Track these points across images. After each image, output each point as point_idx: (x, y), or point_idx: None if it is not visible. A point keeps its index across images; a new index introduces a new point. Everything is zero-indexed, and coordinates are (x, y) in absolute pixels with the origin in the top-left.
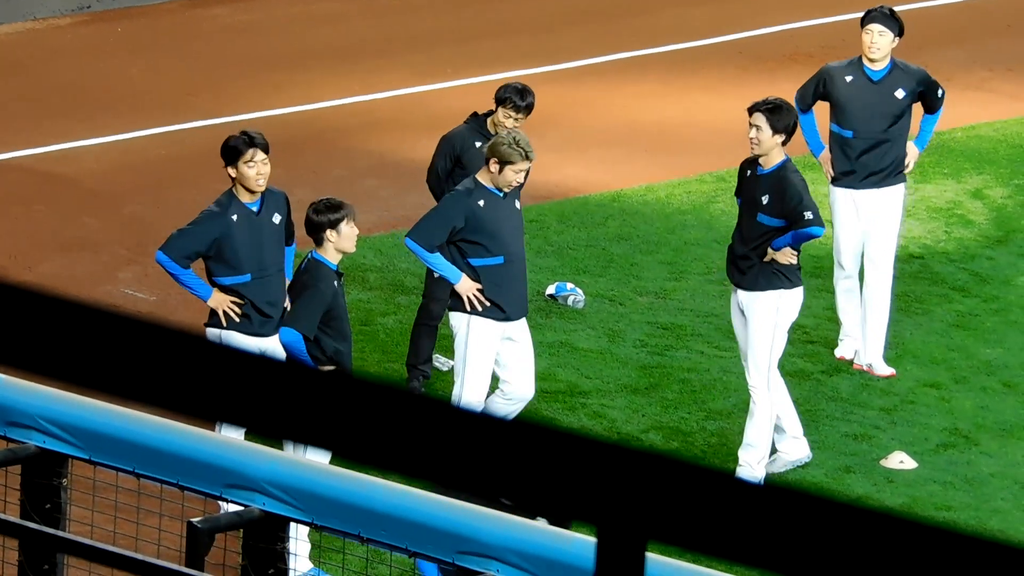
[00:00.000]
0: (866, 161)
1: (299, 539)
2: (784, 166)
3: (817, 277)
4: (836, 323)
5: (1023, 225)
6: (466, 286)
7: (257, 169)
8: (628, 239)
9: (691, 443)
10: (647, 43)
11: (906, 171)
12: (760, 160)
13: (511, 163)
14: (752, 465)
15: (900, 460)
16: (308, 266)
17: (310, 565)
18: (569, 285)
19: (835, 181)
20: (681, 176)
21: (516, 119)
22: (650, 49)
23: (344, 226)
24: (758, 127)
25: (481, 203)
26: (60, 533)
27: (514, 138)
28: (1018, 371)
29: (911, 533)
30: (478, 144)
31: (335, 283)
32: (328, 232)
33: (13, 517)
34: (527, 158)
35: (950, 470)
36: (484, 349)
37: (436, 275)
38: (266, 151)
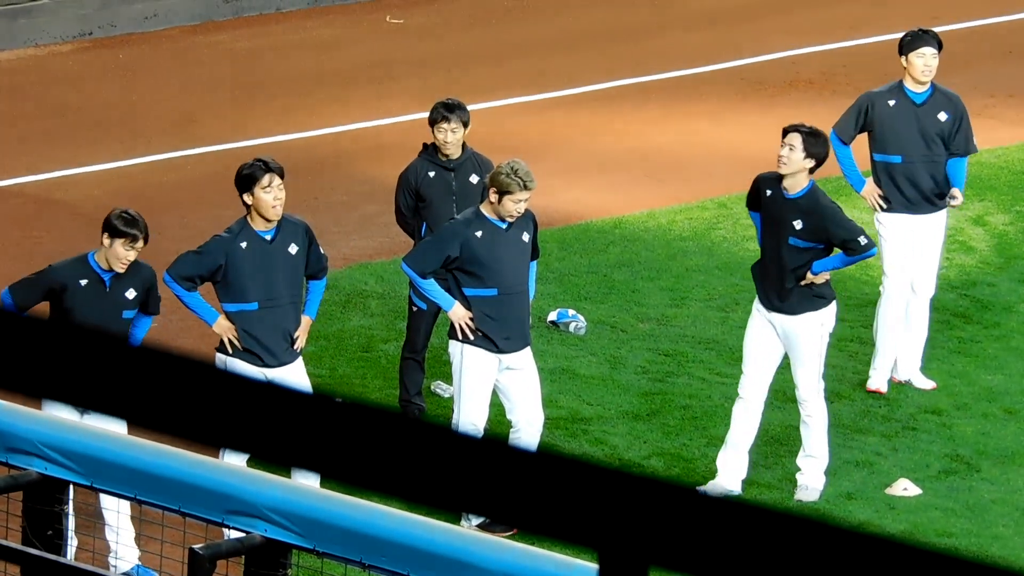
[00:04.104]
0: (921, 186)
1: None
2: (814, 190)
3: None
4: (839, 350)
5: None
6: (458, 314)
7: (274, 194)
8: (629, 265)
9: (693, 469)
10: (648, 69)
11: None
12: (785, 183)
13: (509, 192)
14: (814, 475)
15: (904, 487)
16: (80, 255)
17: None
18: (571, 312)
19: (888, 210)
20: (682, 202)
21: (450, 130)
22: (651, 75)
23: (118, 245)
24: (791, 147)
25: (479, 234)
26: (62, 559)
27: (512, 167)
28: (1019, 397)
29: (913, 559)
30: (431, 174)
31: (83, 280)
32: (104, 236)
33: (14, 543)
34: (525, 187)
35: (951, 496)
36: (478, 378)
37: (415, 307)
38: (282, 176)
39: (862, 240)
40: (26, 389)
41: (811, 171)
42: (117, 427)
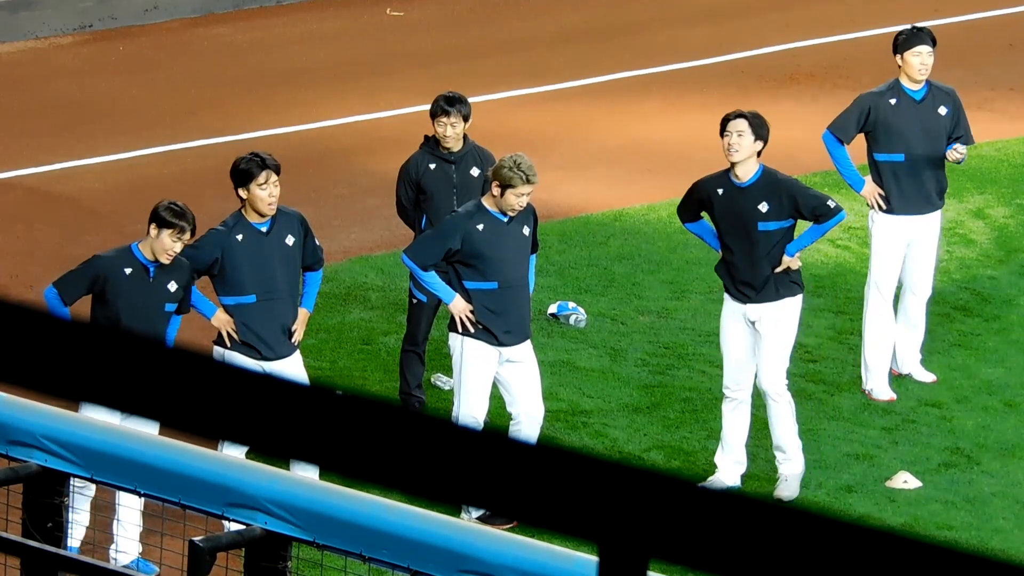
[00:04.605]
0: (925, 183)
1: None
2: (767, 170)
3: (818, 296)
4: (839, 343)
5: None
6: (458, 307)
7: (269, 191)
8: (630, 258)
9: (693, 462)
10: (649, 63)
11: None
12: (736, 172)
13: (512, 186)
14: (791, 467)
15: (904, 480)
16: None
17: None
18: (571, 304)
19: (890, 211)
20: (682, 195)
21: (450, 123)
22: (652, 69)
23: (165, 235)
24: (740, 132)
25: (480, 227)
26: (62, 552)
27: (515, 161)
28: (1019, 391)
29: (913, 552)
30: (432, 166)
31: (128, 269)
32: (152, 227)
33: (15, 536)
34: (528, 181)
35: (952, 489)
36: (478, 370)
37: (415, 300)
38: (278, 173)
39: (831, 204)
40: (24, 383)
41: (759, 154)
42: (149, 427)
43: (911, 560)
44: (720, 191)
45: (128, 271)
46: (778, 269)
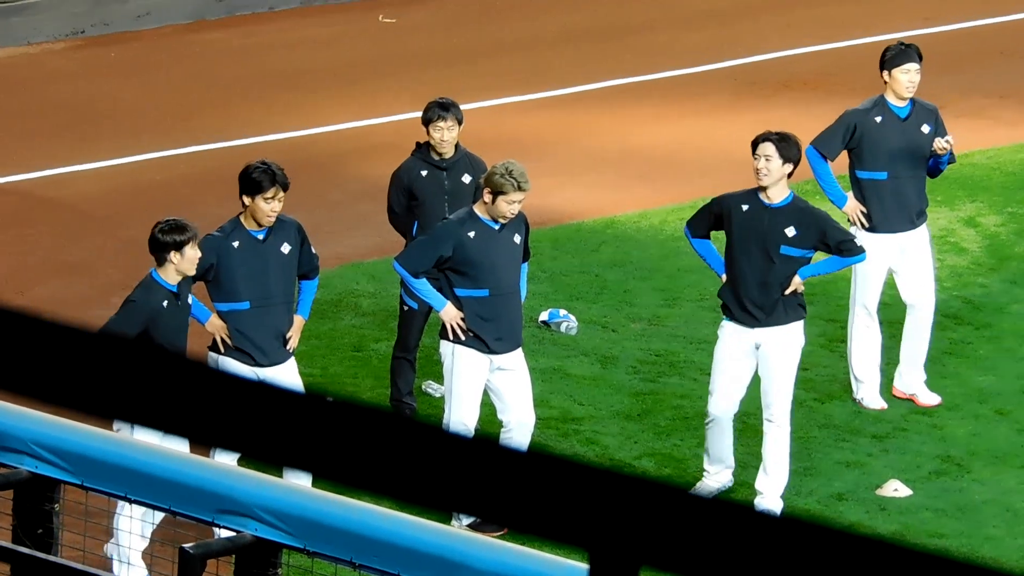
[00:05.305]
0: (907, 202)
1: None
2: (798, 198)
3: (810, 304)
4: (830, 351)
5: (1016, 253)
6: (449, 315)
7: (272, 206)
8: (622, 265)
9: (684, 470)
10: (642, 69)
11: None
12: (768, 192)
13: (503, 193)
14: (771, 499)
15: (895, 488)
16: (143, 281)
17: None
18: (562, 311)
19: (871, 229)
20: (675, 202)
21: (446, 128)
22: (645, 75)
23: (188, 250)
24: (767, 157)
25: (472, 234)
26: (52, 558)
27: (507, 168)
28: (1010, 398)
29: (904, 560)
30: (424, 173)
31: (164, 302)
32: (172, 254)
33: (5, 542)
34: (520, 188)
35: (943, 497)
36: (469, 378)
37: (406, 307)
38: (286, 189)
39: (857, 242)
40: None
41: (789, 176)
42: (179, 444)
43: (902, 568)
44: (745, 207)
45: (165, 303)
46: (787, 291)
